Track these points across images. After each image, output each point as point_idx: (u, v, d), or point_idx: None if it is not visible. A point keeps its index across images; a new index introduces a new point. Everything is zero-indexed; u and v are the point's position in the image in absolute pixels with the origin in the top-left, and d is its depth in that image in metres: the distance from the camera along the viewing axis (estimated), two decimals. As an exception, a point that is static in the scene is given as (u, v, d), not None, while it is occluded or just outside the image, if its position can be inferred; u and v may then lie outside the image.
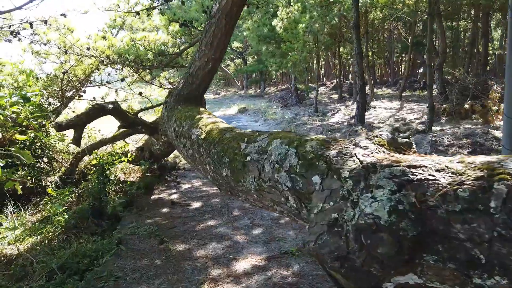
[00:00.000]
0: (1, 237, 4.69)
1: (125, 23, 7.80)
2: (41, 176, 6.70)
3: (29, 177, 6.52)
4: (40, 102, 7.19)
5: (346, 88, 26.28)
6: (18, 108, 2.89)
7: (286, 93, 21.81)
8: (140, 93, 6.63)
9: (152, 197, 5.95)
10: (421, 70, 32.45)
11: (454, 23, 23.23)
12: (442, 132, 9.33)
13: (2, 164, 2.82)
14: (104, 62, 5.40)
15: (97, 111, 3.94)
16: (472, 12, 20.29)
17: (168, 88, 6.63)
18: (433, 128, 9.33)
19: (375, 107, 14.98)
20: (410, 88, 25.90)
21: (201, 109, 3.41)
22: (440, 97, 11.70)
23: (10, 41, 5.07)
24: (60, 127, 3.59)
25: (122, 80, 6.59)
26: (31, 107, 3.21)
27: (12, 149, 3.07)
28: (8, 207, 5.70)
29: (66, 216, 4.87)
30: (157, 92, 7.89)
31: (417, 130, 9.75)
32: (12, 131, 2.98)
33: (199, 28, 5.93)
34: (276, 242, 4.21)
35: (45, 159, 7.07)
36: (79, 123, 3.80)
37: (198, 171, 2.97)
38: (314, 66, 27.54)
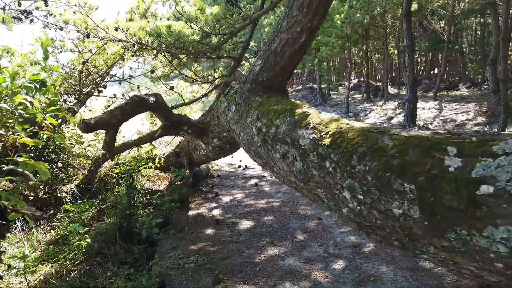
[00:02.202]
0: (7, 268, 3.66)
1: (149, 10, 6.77)
2: (56, 184, 5.70)
3: (41, 186, 5.54)
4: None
5: (365, 88, 25.10)
6: (25, 99, 1.85)
7: (307, 92, 20.67)
8: (172, 88, 5.59)
9: (190, 212, 4.89)
10: (435, 70, 31.11)
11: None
12: None
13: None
14: (136, 46, 4.37)
15: (135, 105, 2.89)
16: None
17: (206, 82, 5.58)
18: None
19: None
20: (427, 88, 24.57)
21: (296, 101, 2.33)
22: (494, 95, 10.46)
23: (20, 19, 4.07)
24: (87, 127, 2.55)
25: (152, 72, 5.56)
26: (47, 96, 2.16)
27: (20, 158, 2.03)
28: (17, 223, 4.71)
29: (88, 240, 3.82)
30: (189, 89, 6.85)
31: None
32: (17, 135, 1.91)
33: (245, 8, 4.85)
34: (372, 284, 3.11)
35: (60, 164, 6.09)
36: (112, 122, 2.75)
37: (312, 198, 1.88)
38: (335, 64, 26.43)
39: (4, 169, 2.01)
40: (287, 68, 2.54)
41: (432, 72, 30.66)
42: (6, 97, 2.03)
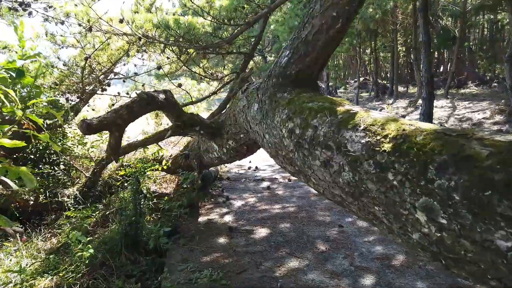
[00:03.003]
0: (3, 283, 3.34)
1: (154, 5, 6.44)
2: (57, 188, 5.39)
3: (41, 189, 5.22)
4: (54, 96, 5.88)
5: (374, 86, 24.64)
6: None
7: (314, 91, 20.26)
8: (180, 85, 5.26)
9: (200, 218, 4.55)
10: (441, 68, 30.55)
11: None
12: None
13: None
14: (142, 40, 4.03)
15: (143, 103, 2.56)
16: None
17: (215, 79, 5.24)
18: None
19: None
20: (435, 86, 24.06)
21: (333, 97, 1.99)
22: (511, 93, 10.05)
23: (16, 10, 3.74)
24: (89, 128, 2.21)
25: (159, 68, 5.22)
26: (27, 89, 1.82)
27: None
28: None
29: (91, 251, 3.50)
30: (196, 86, 6.52)
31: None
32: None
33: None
34: (410, 304, 2.77)
35: (62, 166, 5.77)
36: (118, 122, 2.41)
37: (364, 217, 1.54)
38: (342, 61, 26.03)
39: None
40: (319, 59, 2.19)
41: (437, 70, 30.15)
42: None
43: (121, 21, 3.92)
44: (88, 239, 3.69)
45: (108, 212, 4.38)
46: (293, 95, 2.10)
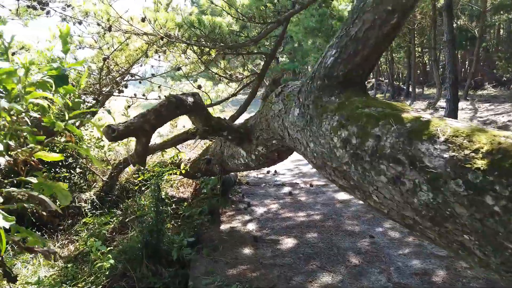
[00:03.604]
0: (20, 294, 3.19)
1: (170, 5, 6.27)
2: (74, 192, 5.26)
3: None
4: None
5: (389, 88, 24.18)
6: (43, 97, 1.35)
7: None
8: (200, 87, 5.07)
9: (222, 226, 4.35)
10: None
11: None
12: None
13: (8, 224, 1.28)
14: (164, 40, 3.85)
15: (172, 107, 2.36)
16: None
17: (235, 80, 5.05)
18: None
19: (443, 108, 13.03)
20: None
21: (391, 102, 1.77)
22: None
23: (35, 8, 3.60)
24: (115, 135, 2.03)
25: (178, 69, 5.05)
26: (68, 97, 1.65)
27: (34, 180, 1.53)
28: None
29: (111, 261, 3.33)
30: (213, 88, 6.35)
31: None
32: (30, 148, 1.37)
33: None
34: (460, 328, 2.52)
35: (78, 170, 5.65)
36: (145, 128, 2.23)
37: (447, 245, 1.31)
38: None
39: (14, 193, 1.51)
40: (370, 59, 1.97)
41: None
42: (18, 96, 1.52)
43: (143, 19, 3.75)
44: (108, 248, 3.52)
45: (127, 220, 4.20)
46: (343, 99, 1.88)
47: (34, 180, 1.53)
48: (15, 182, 1.55)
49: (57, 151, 5.28)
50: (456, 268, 3.28)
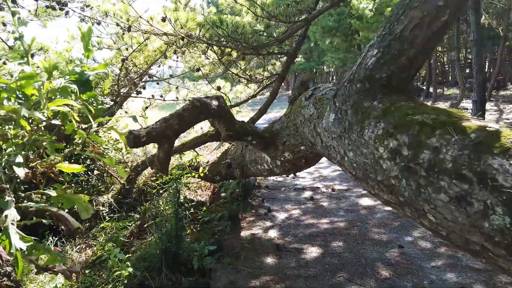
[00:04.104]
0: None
1: (188, 4, 6.15)
2: (92, 195, 5.19)
3: (77, 196, 5.03)
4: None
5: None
6: (66, 103, 1.22)
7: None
8: (219, 88, 4.94)
9: (242, 233, 4.21)
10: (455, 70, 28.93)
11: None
12: None
13: (25, 246, 1.16)
14: (184, 40, 3.73)
15: (196, 112, 2.23)
16: None
17: (255, 81, 4.89)
18: None
19: (467, 109, 12.61)
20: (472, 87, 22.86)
21: (446, 108, 1.59)
22: None
23: (54, 8, 3.53)
24: (137, 141, 1.90)
25: (198, 70, 4.93)
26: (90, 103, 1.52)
27: (53, 193, 1.41)
28: (49, 240, 4.20)
29: (130, 269, 3.21)
30: (231, 89, 6.20)
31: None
32: (52, 159, 1.24)
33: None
34: None
35: (95, 172, 5.59)
36: (167, 133, 2.10)
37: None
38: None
39: (31, 208, 1.39)
40: (417, 59, 1.79)
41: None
42: (38, 103, 1.38)
43: (163, 19, 3.63)
44: (127, 256, 3.41)
45: (145, 225, 4.09)
46: (387, 104, 1.70)
47: (52, 193, 1.41)
48: (32, 195, 1.44)
49: (75, 153, 5.24)
50: (496, 282, 3.06)
